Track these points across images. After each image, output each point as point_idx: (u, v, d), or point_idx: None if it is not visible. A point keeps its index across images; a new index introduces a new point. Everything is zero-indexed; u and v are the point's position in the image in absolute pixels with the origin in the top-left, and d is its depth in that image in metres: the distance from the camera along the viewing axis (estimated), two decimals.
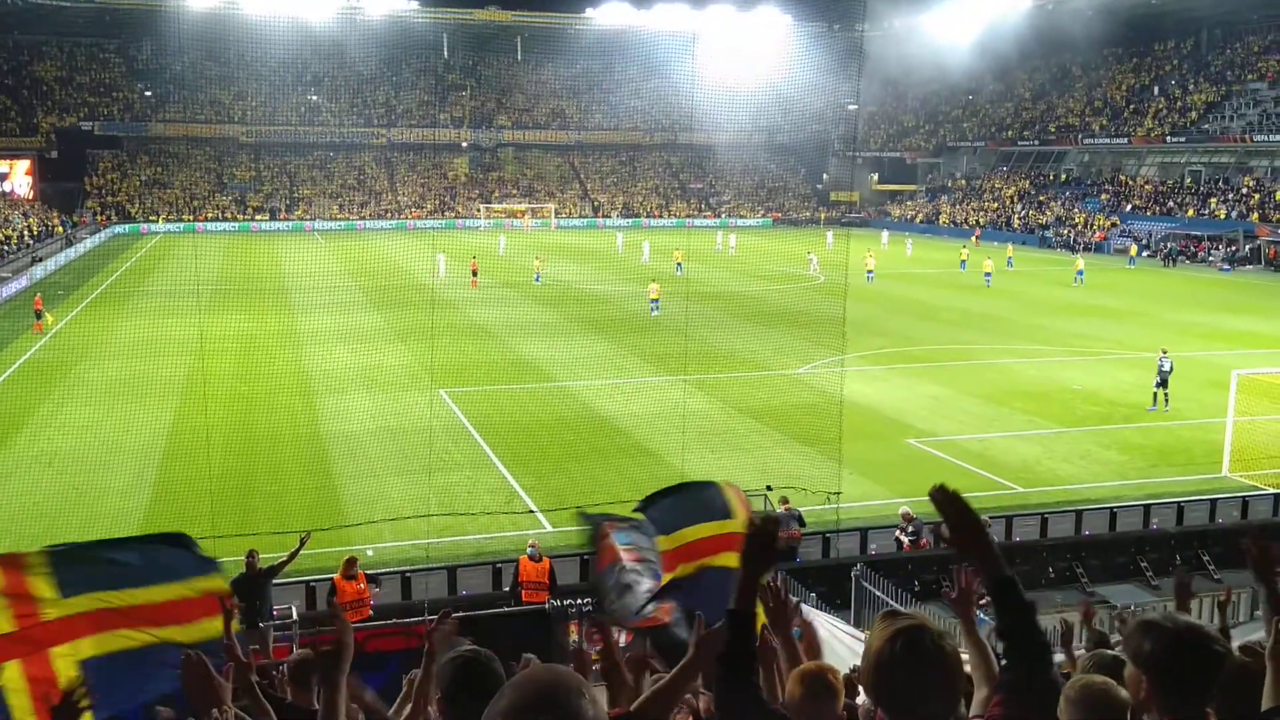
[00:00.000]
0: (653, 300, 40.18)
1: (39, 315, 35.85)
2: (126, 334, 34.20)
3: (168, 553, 5.20)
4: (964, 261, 56.07)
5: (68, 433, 23.94)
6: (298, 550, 13.06)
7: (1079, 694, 3.29)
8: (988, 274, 48.63)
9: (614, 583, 6.19)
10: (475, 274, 48.58)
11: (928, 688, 2.64)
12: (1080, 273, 51.48)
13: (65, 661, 4.59)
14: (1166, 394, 25.84)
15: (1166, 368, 25.77)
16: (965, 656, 3.25)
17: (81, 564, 4.96)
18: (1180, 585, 6.19)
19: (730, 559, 6.00)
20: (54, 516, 18.74)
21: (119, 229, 77.24)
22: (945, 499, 2.82)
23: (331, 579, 13.82)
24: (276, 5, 78.62)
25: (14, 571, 4.75)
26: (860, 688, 5.77)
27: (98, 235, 72.22)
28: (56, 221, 70.69)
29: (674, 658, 3.79)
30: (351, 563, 13.63)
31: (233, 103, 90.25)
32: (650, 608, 5.92)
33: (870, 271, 50.93)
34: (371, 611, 13.63)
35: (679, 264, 51.25)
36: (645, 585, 6.23)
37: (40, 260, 54.80)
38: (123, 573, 4.95)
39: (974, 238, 75.31)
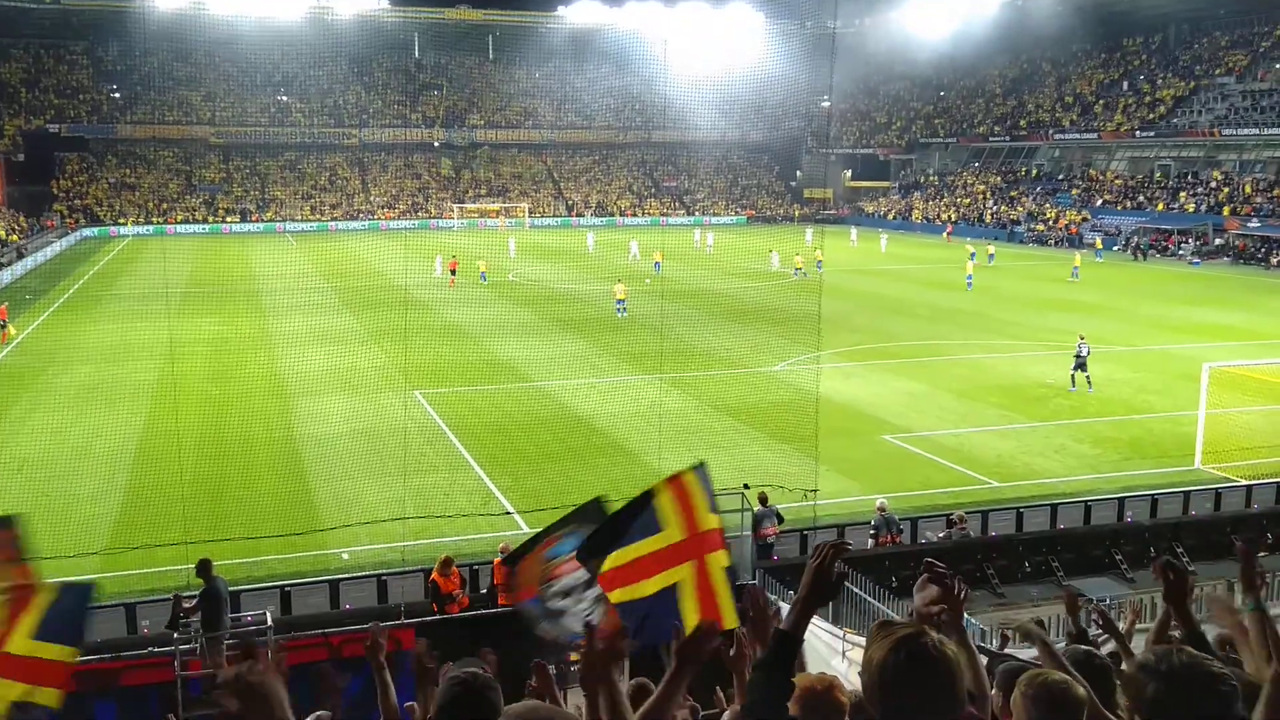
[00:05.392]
0: (618, 301, 39.66)
1: (3, 325, 35.27)
2: (96, 338, 33.82)
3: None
4: (973, 254, 55.24)
5: (37, 439, 23.58)
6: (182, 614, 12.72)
7: (1037, 691, 3.19)
8: (969, 276, 48.63)
9: (540, 611, 6.20)
10: (454, 273, 48.69)
11: (934, 693, 2.66)
12: (1076, 269, 51.76)
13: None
14: (1088, 376, 27.41)
15: (1084, 353, 27.44)
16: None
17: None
18: (1070, 602, 6.31)
19: (670, 576, 5.75)
20: (23, 524, 18.44)
21: (88, 232, 76.42)
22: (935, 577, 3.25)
23: (433, 576, 14.20)
24: (245, 5, 78.01)
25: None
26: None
27: (66, 239, 71.34)
28: (23, 225, 69.74)
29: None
30: (448, 562, 14.11)
31: (201, 104, 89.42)
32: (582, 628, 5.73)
33: (798, 269, 51.13)
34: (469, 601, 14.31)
35: (657, 263, 51.21)
36: (579, 607, 6.14)
37: (5, 265, 54.04)
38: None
39: (946, 234, 75.61)
